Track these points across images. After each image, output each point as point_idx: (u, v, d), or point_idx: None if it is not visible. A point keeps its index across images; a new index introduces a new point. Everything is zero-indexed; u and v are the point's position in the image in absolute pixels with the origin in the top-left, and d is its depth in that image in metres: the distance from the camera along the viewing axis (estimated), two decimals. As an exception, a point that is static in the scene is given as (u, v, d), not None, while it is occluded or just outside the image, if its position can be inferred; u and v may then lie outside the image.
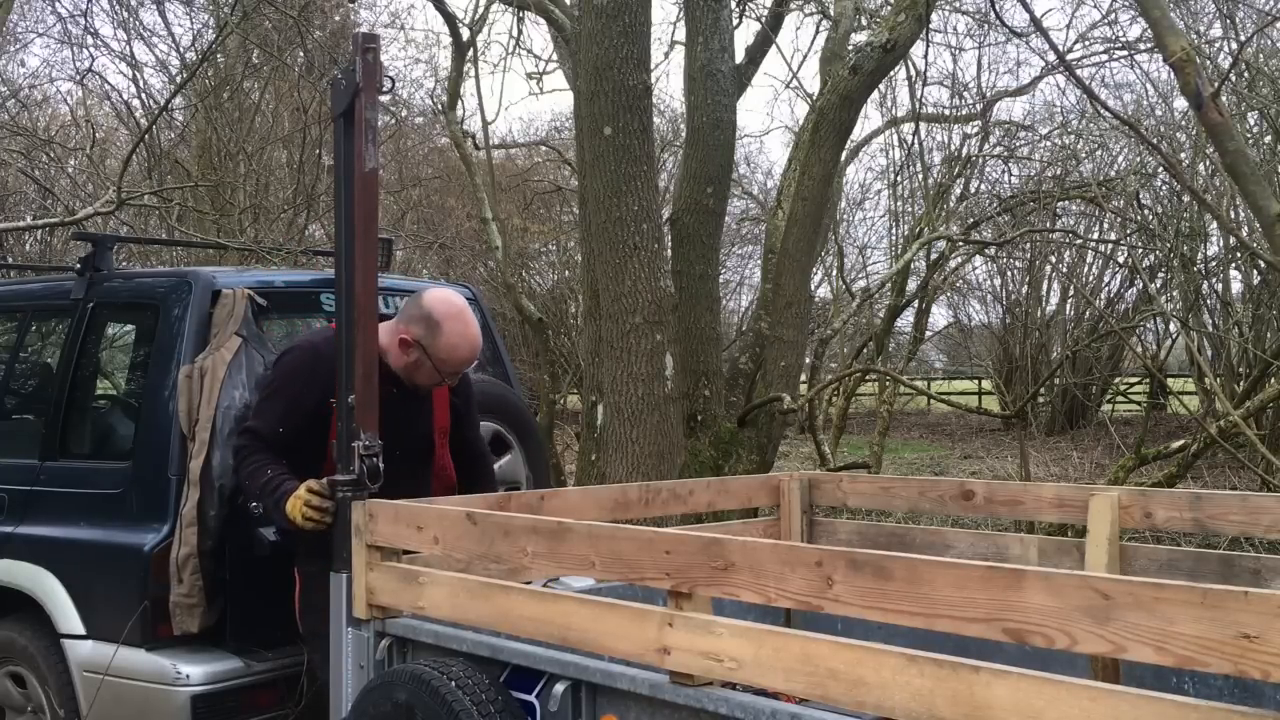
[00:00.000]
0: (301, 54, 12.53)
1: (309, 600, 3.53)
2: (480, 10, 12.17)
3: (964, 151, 14.93)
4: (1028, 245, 16.17)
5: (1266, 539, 5.14)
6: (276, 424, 3.50)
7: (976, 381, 26.90)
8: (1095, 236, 15.54)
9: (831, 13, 10.50)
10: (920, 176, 14.37)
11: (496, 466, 4.17)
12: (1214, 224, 11.64)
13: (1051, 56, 11.25)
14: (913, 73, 13.17)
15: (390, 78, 3.18)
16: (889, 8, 8.81)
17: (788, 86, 21.97)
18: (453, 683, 2.59)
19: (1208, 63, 10.39)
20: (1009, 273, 20.01)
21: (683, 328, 7.00)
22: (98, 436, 4.56)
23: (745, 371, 7.87)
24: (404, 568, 2.94)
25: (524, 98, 45.64)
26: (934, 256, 13.71)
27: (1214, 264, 12.89)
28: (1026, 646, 1.86)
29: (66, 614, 3.98)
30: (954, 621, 1.91)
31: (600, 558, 2.42)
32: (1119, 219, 13.79)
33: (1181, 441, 7.87)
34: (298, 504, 3.29)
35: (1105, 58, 13.91)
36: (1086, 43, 14.18)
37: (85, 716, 3.91)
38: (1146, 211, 12.95)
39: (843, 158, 11.93)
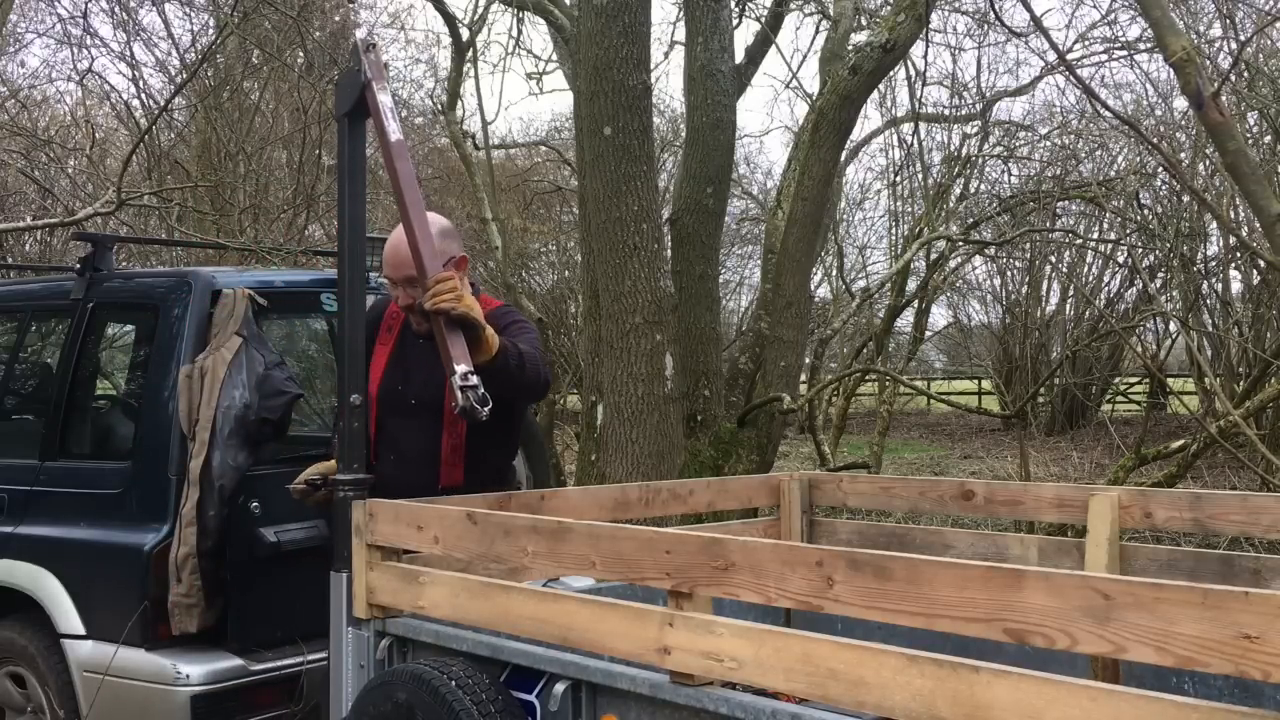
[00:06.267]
0: (301, 54, 12.53)
1: None
2: (480, 10, 12.21)
3: (964, 151, 14.94)
4: (1028, 245, 16.15)
5: (1266, 539, 5.14)
6: None
7: (976, 381, 26.89)
8: (1095, 236, 15.53)
9: (831, 13, 10.51)
10: (920, 176, 14.38)
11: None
12: (1214, 224, 11.64)
13: (1051, 56, 11.24)
14: (913, 73, 13.18)
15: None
16: (889, 8, 8.81)
17: (788, 86, 21.93)
18: (453, 682, 2.59)
19: (1208, 63, 10.38)
20: (1009, 273, 20.01)
21: (683, 328, 7.00)
22: (98, 436, 4.56)
23: (745, 371, 7.87)
24: (404, 567, 2.94)
25: (524, 98, 45.75)
26: (934, 256, 13.71)
27: (1214, 264, 12.88)
28: (1027, 646, 1.86)
29: (66, 614, 3.98)
30: (954, 621, 1.91)
31: (600, 557, 2.43)
32: (1119, 219, 13.79)
33: (1181, 441, 7.87)
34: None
35: (1105, 58, 13.90)
36: (1086, 43, 14.17)
37: (85, 716, 3.91)
38: (1146, 211, 12.95)
39: (843, 158, 11.93)
